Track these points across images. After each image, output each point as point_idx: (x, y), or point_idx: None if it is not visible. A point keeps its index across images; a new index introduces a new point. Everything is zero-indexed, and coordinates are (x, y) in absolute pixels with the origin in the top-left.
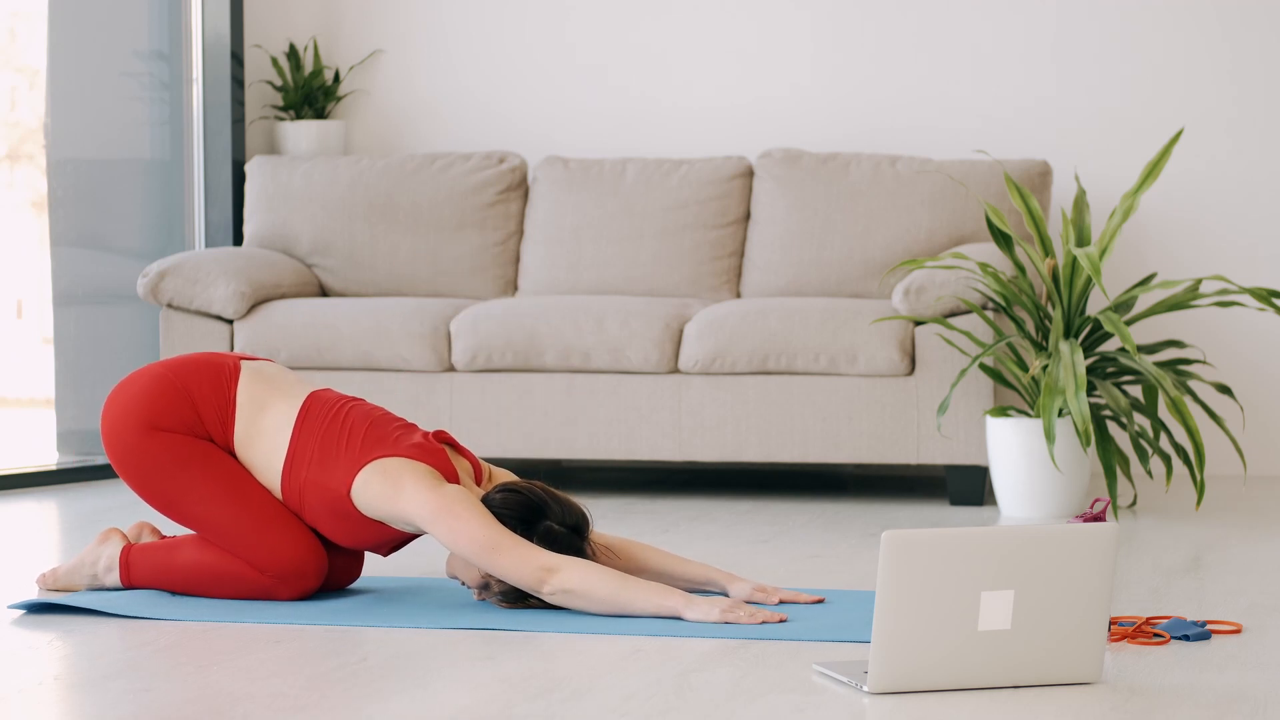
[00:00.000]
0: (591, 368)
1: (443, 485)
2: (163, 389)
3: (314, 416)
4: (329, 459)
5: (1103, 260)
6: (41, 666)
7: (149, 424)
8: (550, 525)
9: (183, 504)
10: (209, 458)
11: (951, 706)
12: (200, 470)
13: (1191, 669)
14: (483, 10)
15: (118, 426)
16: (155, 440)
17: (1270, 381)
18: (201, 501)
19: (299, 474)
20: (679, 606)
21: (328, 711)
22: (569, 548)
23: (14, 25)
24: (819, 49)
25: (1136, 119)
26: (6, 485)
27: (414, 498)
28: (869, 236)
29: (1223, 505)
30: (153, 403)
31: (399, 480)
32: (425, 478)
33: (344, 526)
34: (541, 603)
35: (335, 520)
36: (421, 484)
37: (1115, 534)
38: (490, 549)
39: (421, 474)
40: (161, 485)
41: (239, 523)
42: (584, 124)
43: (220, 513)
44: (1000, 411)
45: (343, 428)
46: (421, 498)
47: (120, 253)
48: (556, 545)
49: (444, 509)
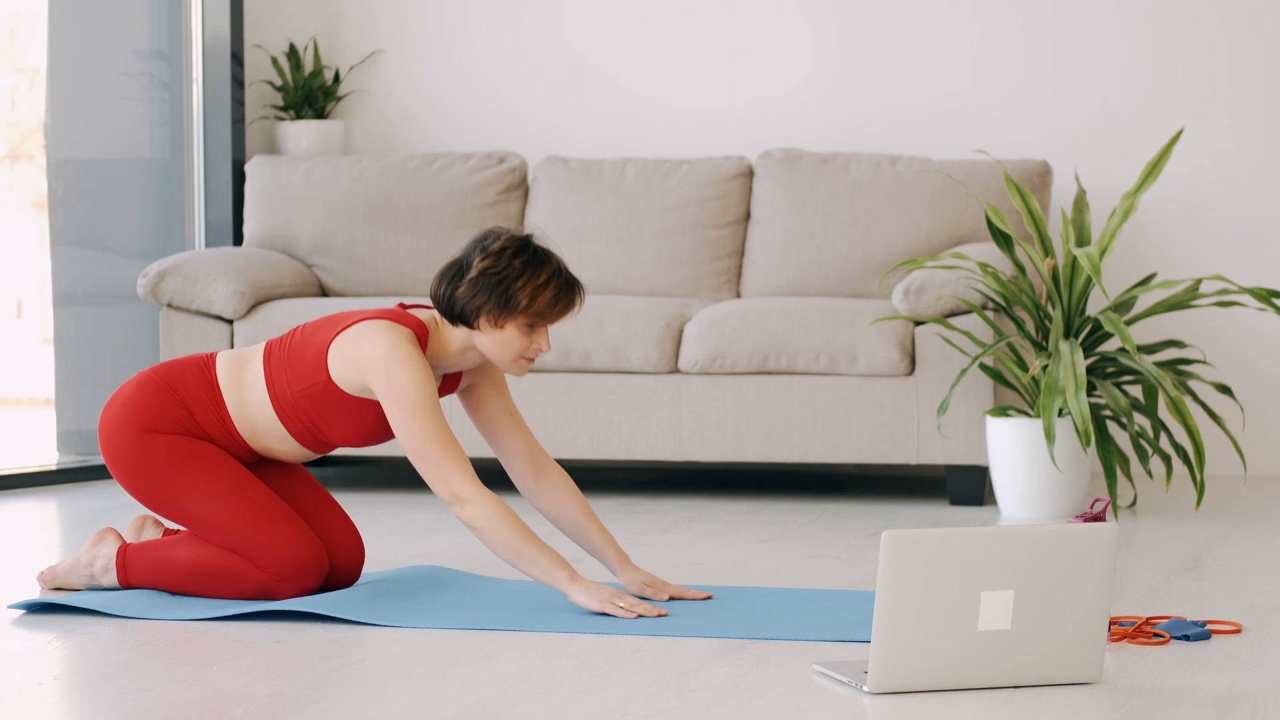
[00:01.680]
0: (591, 368)
1: (397, 359)
2: (152, 391)
3: (275, 350)
4: (298, 365)
5: (1103, 260)
6: (41, 666)
7: (143, 427)
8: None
9: (183, 504)
10: (207, 456)
11: (951, 706)
12: (198, 469)
13: (1191, 669)
14: (482, 10)
15: (114, 435)
16: (151, 443)
17: (1270, 381)
18: (202, 501)
19: (287, 400)
20: (564, 583)
21: (328, 711)
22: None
23: (14, 25)
24: (819, 49)
25: (1136, 119)
26: (6, 485)
27: (371, 367)
28: (869, 236)
29: (1223, 505)
30: (145, 405)
31: (359, 342)
32: (381, 339)
33: (358, 421)
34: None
35: (346, 417)
36: (377, 349)
37: (1115, 534)
38: (418, 451)
39: (378, 334)
40: (162, 487)
41: (240, 520)
42: (584, 124)
43: (221, 511)
44: (1000, 411)
45: (301, 336)
46: (376, 370)
47: (120, 253)
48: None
49: (391, 390)
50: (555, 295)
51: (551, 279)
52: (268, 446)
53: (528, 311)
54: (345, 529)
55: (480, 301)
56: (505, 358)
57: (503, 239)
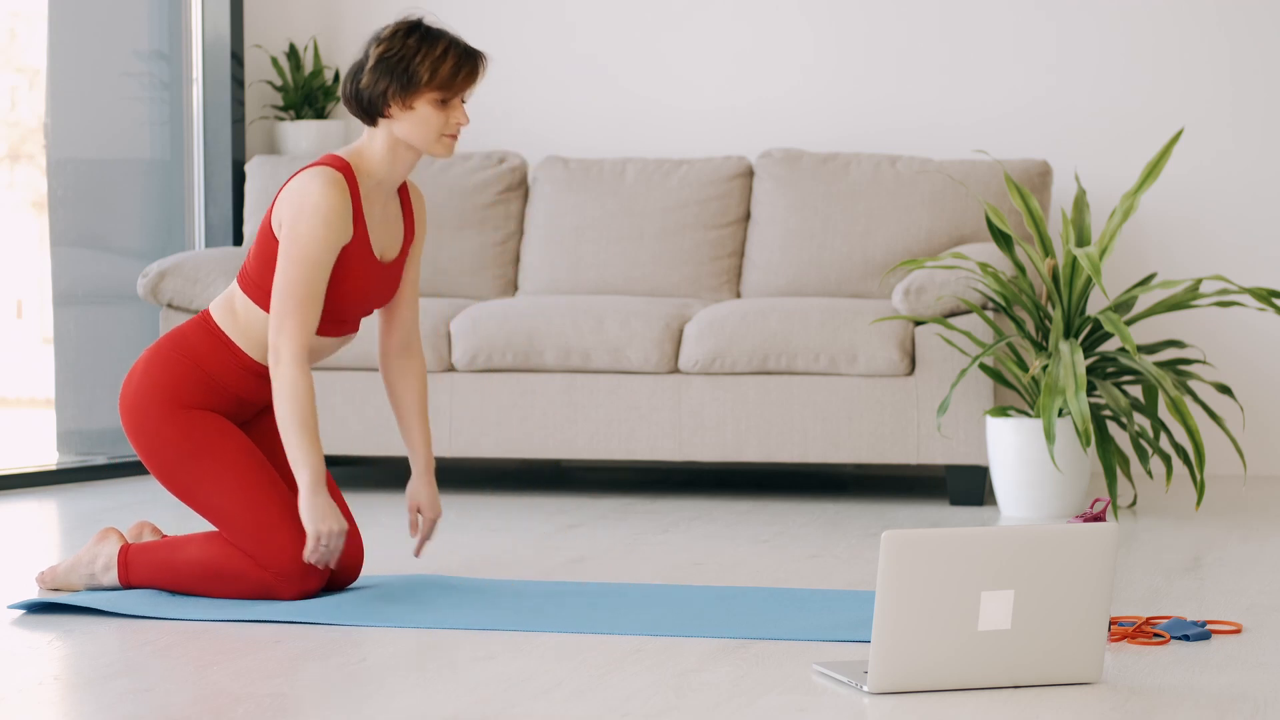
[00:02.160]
0: (591, 368)
1: (305, 214)
2: (163, 361)
3: (245, 265)
4: (262, 256)
5: (1103, 260)
6: (41, 666)
7: (164, 402)
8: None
9: (199, 492)
10: (224, 447)
11: (951, 706)
12: (214, 461)
13: (1191, 669)
14: (483, 10)
15: (135, 415)
16: (172, 425)
17: (1270, 381)
18: (217, 492)
19: (253, 280)
20: (304, 486)
21: (328, 711)
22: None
23: (14, 25)
24: (819, 49)
25: (1136, 119)
26: (6, 485)
27: (286, 211)
28: (869, 236)
29: (1223, 505)
30: (160, 377)
31: (284, 198)
32: (298, 192)
33: (336, 272)
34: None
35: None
36: (293, 200)
37: (1115, 534)
38: (278, 297)
39: (299, 186)
40: (179, 473)
41: (250, 516)
42: (584, 124)
43: (233, 504)
44: (1000, 411)
45: (256, 236)
46: (288, 216)
47: (120, 253)
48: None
49: (290, 236)
50: (456, 64)
51: (449, 49)
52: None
53: (432, 85)
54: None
55: (384, 85)
56: (428, 138)
57: (392, 25)
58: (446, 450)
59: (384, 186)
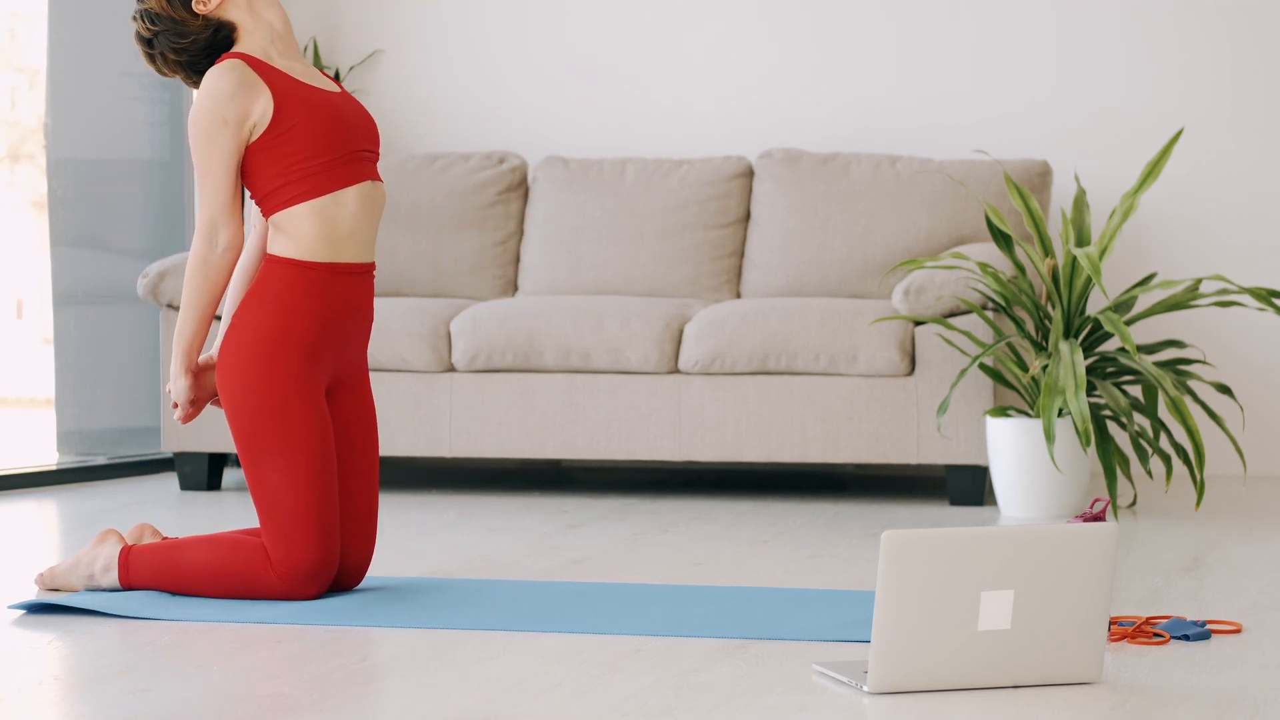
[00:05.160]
0: (591, 368)
1: (200, 91)
2: (263, 314)
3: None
4: (244, 176)
5: (1103, 260)
6: (41, 666)
7: (271, 357)
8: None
9: (260, 461)
10: (304, 434)
11: (951, 706)
12: (286, 443)
13: (1191, 669)
14: (483, 10)
15: (238, 369)
16: (266, 383)
17: (1270, 381)
18: (276, 470)
19: (274, 189)
20: (178, 350)
21: (328, 711)
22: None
23: (14, 25)
24: (819, 49)
25: (1136, 119)
26: (6, 485)
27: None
28: (869, 236)
29: (1223, 505)
30: (249, 330)
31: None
32: (211, 78)
33: (303, 122)
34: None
35: (297, 133)
36: (202, 89)
37: (1115, 534)
38: (196, 177)
39: (210, 76)
40: (254, 438)
41: (293, 506)
42: (584, 124)
43: (285, 487)
44: (1000, 411)
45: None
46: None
47: (120, 253)
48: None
49: (191, 118)
50: None
51: None
52: (334, 220)
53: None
54: (365, 530)
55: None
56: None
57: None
58: (447, 450)
59: (280, 44)
